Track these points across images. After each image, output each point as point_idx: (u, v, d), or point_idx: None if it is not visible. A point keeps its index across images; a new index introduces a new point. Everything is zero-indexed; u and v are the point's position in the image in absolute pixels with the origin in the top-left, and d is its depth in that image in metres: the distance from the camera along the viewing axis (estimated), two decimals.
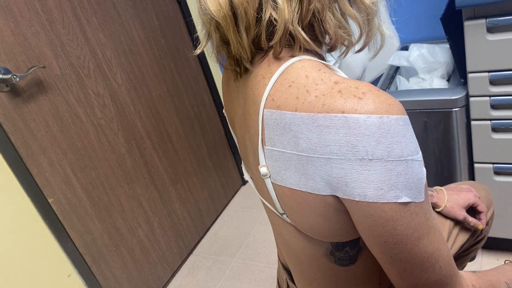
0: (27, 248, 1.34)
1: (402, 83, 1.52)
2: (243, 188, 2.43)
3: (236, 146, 2.34)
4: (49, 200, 1.41)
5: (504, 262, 0.76)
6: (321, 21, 0.55)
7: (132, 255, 1.73)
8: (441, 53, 1.48)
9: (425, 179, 0.51)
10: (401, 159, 0.48)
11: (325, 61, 0.62)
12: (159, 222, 1.86)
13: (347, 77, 0.54)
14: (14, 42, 1.32)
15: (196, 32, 2.03)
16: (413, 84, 1.50)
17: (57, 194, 1.44)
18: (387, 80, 1.56)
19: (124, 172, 1.69)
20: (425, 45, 1.52)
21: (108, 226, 1.62)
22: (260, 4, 0.53)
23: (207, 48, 0.64)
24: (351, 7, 0.57)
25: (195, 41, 2.06)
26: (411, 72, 1.54)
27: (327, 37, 0.58)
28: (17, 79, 1.28)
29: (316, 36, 0.57)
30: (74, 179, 1.50)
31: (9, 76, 1.27)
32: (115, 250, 1.66)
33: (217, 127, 2.23)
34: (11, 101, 1.31)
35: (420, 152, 0.51)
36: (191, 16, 2.04)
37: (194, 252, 2.06)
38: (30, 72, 1.33)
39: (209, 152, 2.17)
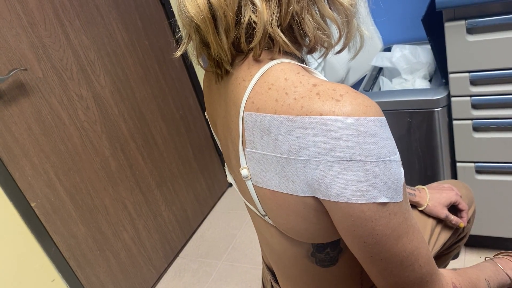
0: (10, 253, 1.32)
1: (385, 83, 1.54)
2: (229, 190, 2.43)
3: None
4: (32, 204, 1.39)
5: (484, 259, 0.77)
6: (300, 23, 0.55)
7: (117, 258, 1.72)
8: (423, 54, 1.50)
9: (403, 179, 0.52)
10: (379, 160, 0.49)
11: (305, 63, 0.62)
12: (145, 225, 1.85)
13: (326, 79, 0.54)
14: None
15: (179, 33, 2.02)
16: (396, 84, 1.52)
17: (40, 198, 1.42)
18: (370, 81, 1.58)
19: (108, 175, 1.67)
20: (407, 46, 1.54)
21: (92, 229, 1.61)
22: (239, 7, 0.53)
23: (190, 48, 0.64)
24: (330, 9, 0.57)
25: (178, 43, 2.05)
26: (394, 73, 1.56)
27: (306, 39, 0.58)
28: None
29: (295, 38, 0.58)
30: (58, 183, 1.48)
31: None
32: (100, 254, 1.64)
33: (202, 128, 2.23)
34: None
35: (398, 153, 0.51)
36: (174, 18, 2.04)
37: (180, 255, 2.05)
38: (11, 75, 1.31)
39: (194, 154, 2.16)
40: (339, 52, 0.63)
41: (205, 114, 0.76)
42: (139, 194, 1.82)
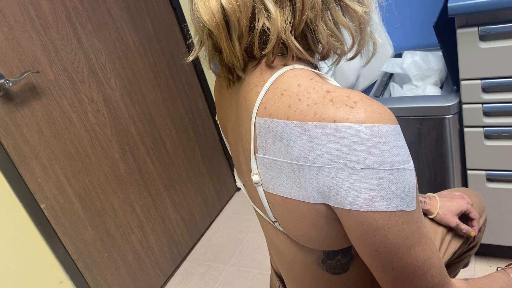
0: (19, 254, 1.33)
1: (395, 90, 1.53)
2: (237, 194, 2.43)
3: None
4: (42, 206, 1.40)
5: (496, 269, 0.76)
6: (313, 30, 0.55)
7: (125, 261, 1.72)
8: (434, 60, 1.49)
9: (416, 187, 0.52)
10: (393, 168, 0.48)
11: (318, 69, 0.62)
12: (153, 228, 1.85)
13: (339, 85, 0.54)
14: (7, 47, 1.31)
15: (191, 38, 2.03)
16: (406, 91, 1.51)
17: (50, 199, 1.43)
18: (381, 86, 1.57)
19: (117, 177, 1.68)
20: (418, 52, 1.53)
21: (101, 232, 1.61)
22: (253, 13, 0.53)
23: (201, 54, 0.64)
24: (344, 16, 0.57)
25: (190, 47, 2.06)
26: (404, 79, 1.55)
27: (319, 46, 0.58)
28: (10, 84, 1.28)
29: (308, 45, 0.58)
30: (67, 185, 1.49)
31: (2, 81, 1.26)
32: (108, 256, 1.65)
33: (211, 132, 2.23)
34: (3, 106, 1.30)
35: (412, 161, 0.51)
36: (185, 22, 2.05)
37: (187, 258, 2.05)
38: (24, 77, 1.32)
39: (203, 157, 2.16)
40: (352, 58, 0.63)
41: (216, 119, 0.76)
42: (148, 197, 1.83)
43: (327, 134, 0.49)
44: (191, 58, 0.62)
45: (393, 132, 0.48)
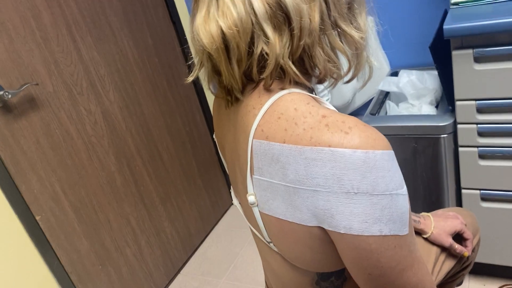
0: (13, 265, 1.32)
1: (391, 108, 1.55)
2: (233, 208, 2.42)
3: None
4: (37, 218, 1.40)
5: None
6: (311, 55, 0.56)
7: (119, 274, 1.71)
8: (430, 79, 1.51)
9: (409, 212, 0.52)
10: (386, 193, 0.49)
11: (314, 93, 0.63)
12: (147, 241, 1.85)
13: (335, 109, 0.55)
14: (7, 58, 1.32)
15: (190, 55, 2.05)
16: (402, 109, 1.53)
17: (45, 211, 1.43)
18: (377, 104, 1.59)
19: (113, 189, 1.68)
20: (414, 71, 1.55)
21: (95, 244, 1.61)
22: (252, 38, 0.54)
23: (201, 73, 0.65)
24: (341, 41, 0.59)
25: (190, 68, 2.08)
26: (400, 98, 1.57)
27: (316, 70, 0.59)
28: (9, 96, 1.28)
29: (306, 69, 0.59)
30: (63, 196, 1.49)
31: (1, 92, 1.27)
32: (102, 269, 1.64)
33: (208, 146, 2.24)
34: (2, 117, 1.31)
35: (405, 186, 0.52)
36: (185, 36, 2.07)
37: (181, 272, 2.04)
38: (23, 89, 1.33)
39: (199, 170, 2.17)
40: (348, 82, 0.64)
41: (213, 137, 0.77)
42: (143, 210, 1.82)
43: (322, 158, 0.50)
44: (191, 78, 0.64)
45: (387, 158, 0.49)
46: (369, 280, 0.53)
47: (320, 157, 0.50)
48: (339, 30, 0.58)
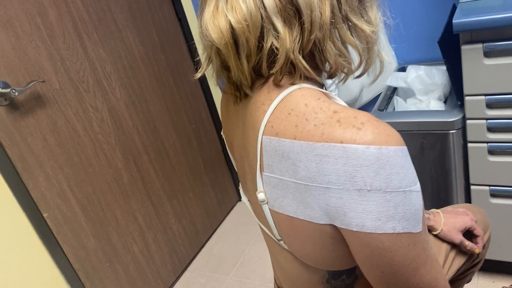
0: (20, 263, 1.33)
1: (399, 104, 1.53)
2: (239, 204, 2.42)
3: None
4: (44, 215, 1.40)
5: None
6: (321, 50, 0.55)
7: (126, 271, 1.72)
8: (438, 75, 1.50)
9: (422, 209, 0.51)
10: (399, 190, 0.48)
11: (325, 88, 0.62)
12: (154, 238, 1.85)
13: (346, 105, 0.54)
14: (14, 56, 1.32)
15: (197, 51, 2.04)
16: (410, 105, 1.51)
17: (52, 208, 1.43)
18: (384, 100, 1.57)
19: (120, 187, 1.68)
20: (422, 66, 1.53)
21: (102, 241, 1.61)
22: (262, 33, 0.54)
23: (209, 70, 0.64)
24: (352, 35, 0.58)
25: (197, 65, 2.07)
26: (408, 93, 1.55)
27: (327, 65, 0.58)
28: (16, 93, 1.28)
29: (316, 64, 0.58)
30: (70, 194, 1.49)
31: (8, 90, 1.27)
32: (109, 266, 1.64)
33: (214, 142, 2.23)
34: (9, 115, 1.31)
35: (418, 183, 0.51)
36: (191, 33, 2.06)
37: (188, 269, 2.04)
38: (29, 86, 1.33)
39: (205, 167, 2.16)
40: (359, 77, 0.63)
41: (221, 133, 0.76)
42: (150, 207, 1.82)
43: (334, 155, 0.49)
44: (198, 75, 0.63)
45: (400, 154, 0.48)
46: (381, 278, 0.52)
47: (332, 153, 0.49)
48: (350, 24, 0.57)
